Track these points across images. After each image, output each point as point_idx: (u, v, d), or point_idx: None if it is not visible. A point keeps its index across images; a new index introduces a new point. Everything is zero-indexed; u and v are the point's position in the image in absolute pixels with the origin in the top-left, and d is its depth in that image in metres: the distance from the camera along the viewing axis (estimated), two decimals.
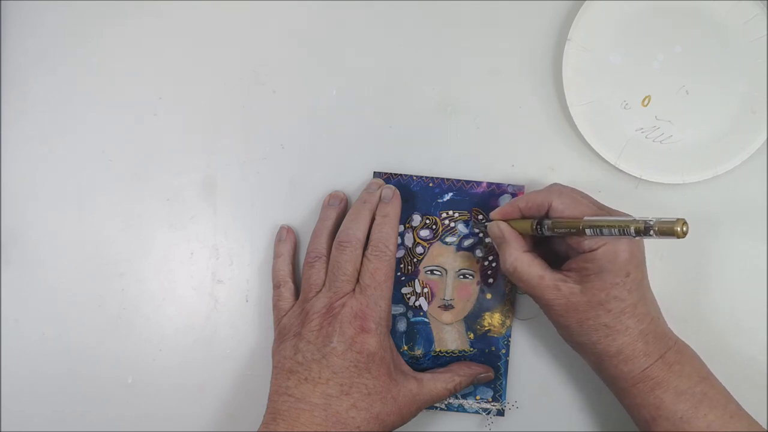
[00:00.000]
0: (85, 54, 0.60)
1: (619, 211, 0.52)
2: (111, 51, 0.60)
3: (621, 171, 0.57)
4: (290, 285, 0.57)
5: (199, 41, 0.60)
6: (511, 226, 0.53)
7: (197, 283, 0.60)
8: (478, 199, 0.58)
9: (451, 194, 0.58)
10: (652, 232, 0.43)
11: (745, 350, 0.58)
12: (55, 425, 0.60)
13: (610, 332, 0.50)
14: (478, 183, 0.58)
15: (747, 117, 0.57)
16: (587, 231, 0.48)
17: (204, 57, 0.60)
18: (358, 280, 0.54)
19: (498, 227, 0.54)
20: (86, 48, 0.60)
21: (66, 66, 0.60)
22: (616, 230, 0.46)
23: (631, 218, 0.45)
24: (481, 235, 0.58)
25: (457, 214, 0.58)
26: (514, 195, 0.58)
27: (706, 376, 0.51)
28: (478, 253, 0.58)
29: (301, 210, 0.60)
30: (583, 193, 0.53)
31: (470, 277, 0.58)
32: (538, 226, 0.52)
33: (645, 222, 0.44)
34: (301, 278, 0.56)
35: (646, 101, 0.58)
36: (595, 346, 0.51)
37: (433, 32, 0.59)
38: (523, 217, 0.53)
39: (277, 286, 0.57)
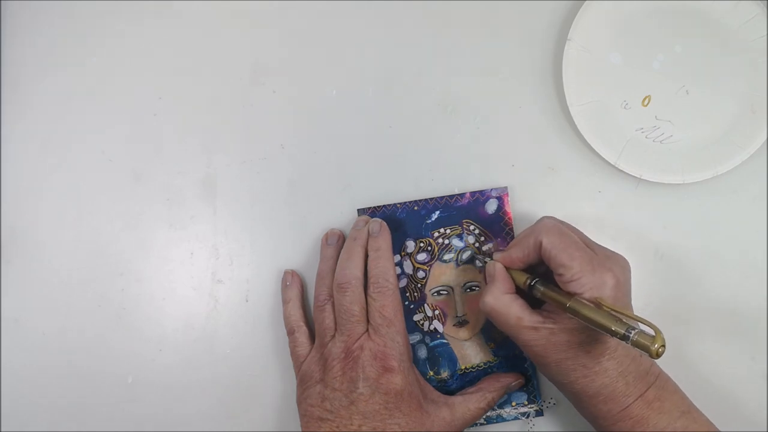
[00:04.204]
0: (85, 54, 0.60)
1: (601, 247, 0.51)
2: (111, 51, 0.61)
3: (621, 171, 0.57)
4: (304, 329, 0.57)
5: (198, 41, 0.60)
6: (508, 270, 0.53)
7: (197, 283, 0.60)
8: (466, 211, 0.58)
9: (437, 212, 0.58)
10: (629, 341, 0.44)
11: (745, 350, 0.58)
12: (55, 425, 0.60)
13: (588, 373, 0.49)
14: (462, 195, 0.58)
15: (747, 117, 0.56)
16: (569, 314, 0.48)
17: (204, 57, 0.60)
18: (369, 320, 0.53)
19: (494, 267, 0.53)
20: (86, 48, 0.61)
21: (66, 66, 0.60)
22: (595, 326, 0.47)
23: (613, 323, 0.45)
24: (476, 244, 0.58)
25: (449, 230, 0.58)
26: (499, 198, 0.58)
27: (686, 410, 0.50)
28: (478, 263, 0.58)
29: (301, 210, 0.60)
30: (570, 226, 0.53)
31: (477, 288, 0.58)
32: (531, 288, 0.52)
33: (625, 332, 0.45)
34: (314, 323, 0.56)
35: (646, 101, 0.58)
36: (573, 385, 0.50)
37: (433, 32, 0.59)
38: (526, 265, 0.53)
39: (291, 332, 0.57)
